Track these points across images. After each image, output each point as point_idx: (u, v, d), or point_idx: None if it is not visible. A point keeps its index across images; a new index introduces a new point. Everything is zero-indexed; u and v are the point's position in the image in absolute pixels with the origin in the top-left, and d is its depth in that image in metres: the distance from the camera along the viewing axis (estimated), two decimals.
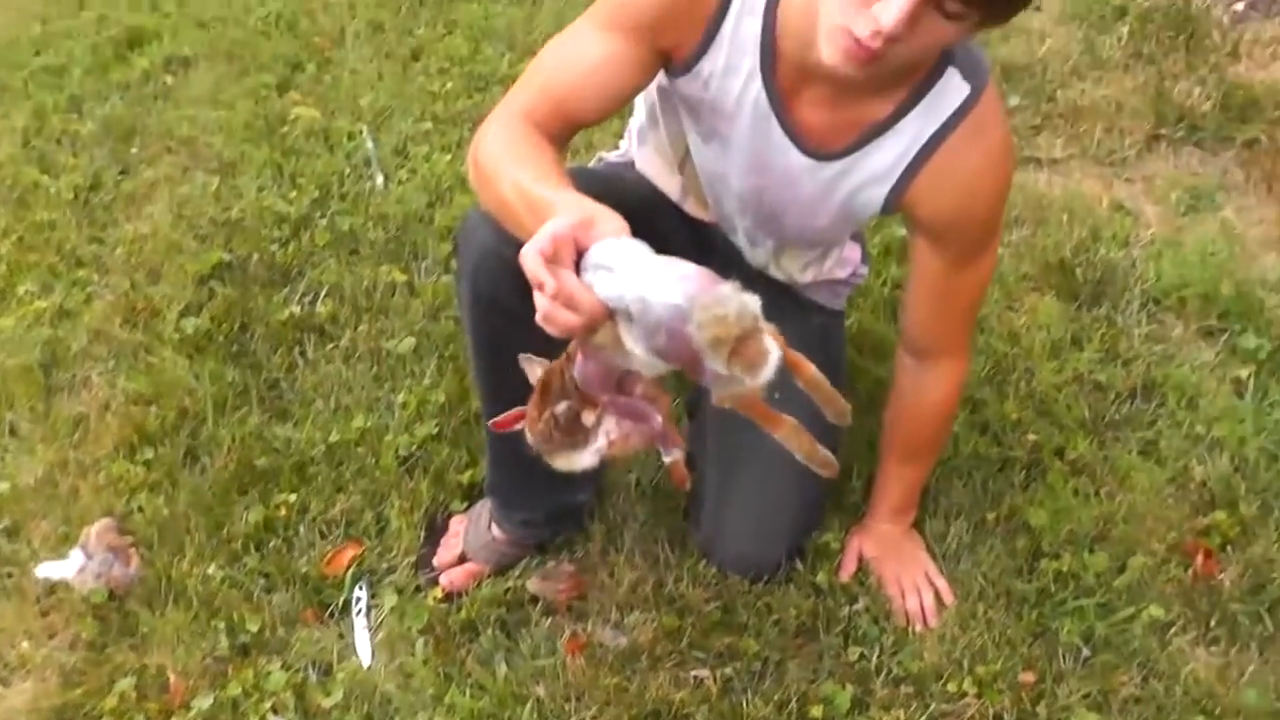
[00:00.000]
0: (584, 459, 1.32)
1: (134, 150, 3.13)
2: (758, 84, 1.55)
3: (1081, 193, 2.80)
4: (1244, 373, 2.33)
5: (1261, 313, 2.43)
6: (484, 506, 2.03)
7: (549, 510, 1.98)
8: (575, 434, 1.30)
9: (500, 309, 1.62)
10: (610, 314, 1.16)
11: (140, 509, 2.14)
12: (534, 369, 1.34)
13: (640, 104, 1.87)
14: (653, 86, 1.72)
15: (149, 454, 2.24)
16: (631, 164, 1.93)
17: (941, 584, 1.99)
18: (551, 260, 1.13)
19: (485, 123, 1.52)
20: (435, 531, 2.08)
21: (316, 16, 3.69)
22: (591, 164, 2.07)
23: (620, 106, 1.61)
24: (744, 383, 1.12)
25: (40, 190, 2.98)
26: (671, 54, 1.56)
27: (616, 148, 2.03)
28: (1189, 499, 2.12)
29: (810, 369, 1.24)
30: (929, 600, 1.97)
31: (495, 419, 1.38)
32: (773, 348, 1.10)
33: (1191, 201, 2.78)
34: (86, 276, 2.70)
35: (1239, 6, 3.40)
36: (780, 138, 1.59)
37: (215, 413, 2.29)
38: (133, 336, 2.50)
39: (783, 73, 1.54)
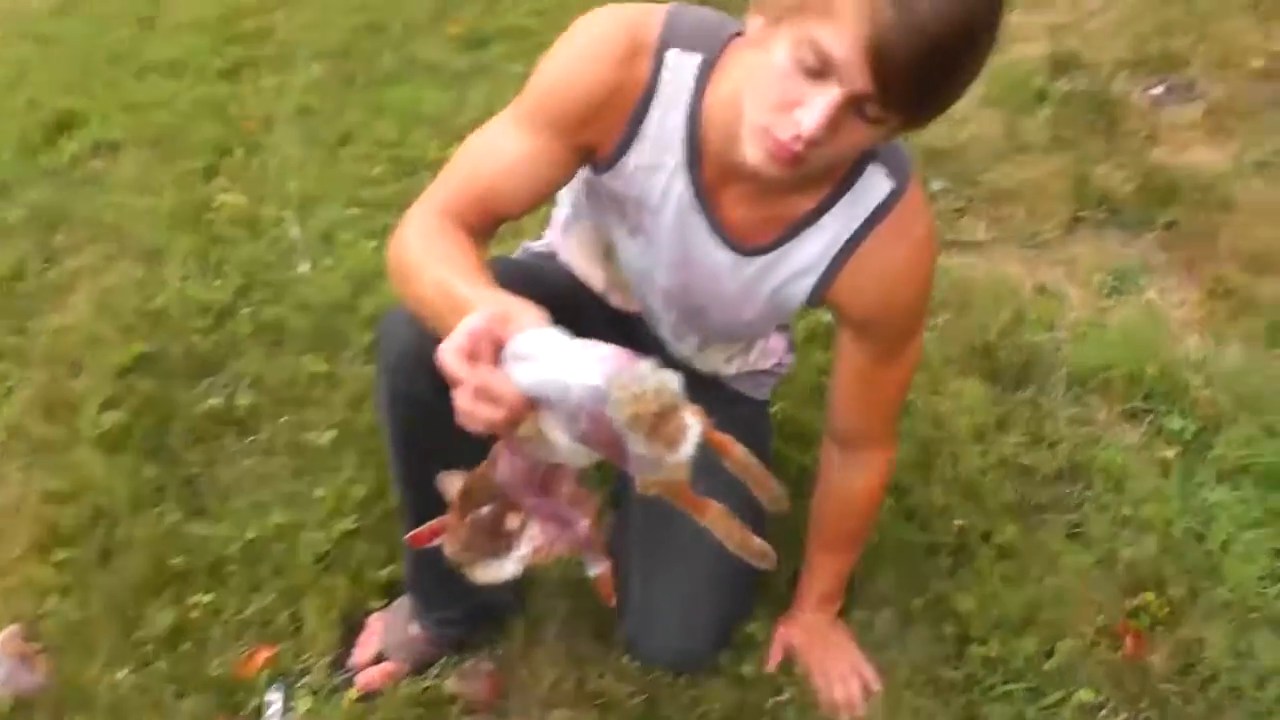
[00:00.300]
0: (506, 568, 1.29)
1: (59, 238, 3.10)
2: (683, 180, 1.54)
3: (1005, 276, 2.83)
4: (1170, 454, 2.33)
5: (1186, 394, 2.44)
6: (402, 604, 1.99)
7: (469, 608, 1.94)
8: (498, 540, 1.27)
9: (421, 407, 1.59)
10: (532, 405, 1.14)
11: (51, 613, 2.08)
12: (453, 482, 1.31)
13: (564, 196, 1.86)
14: (577, 179, 1.72)
15: (62, 555, 2.17)
16: (555, 255, 1.92)
17: (868, 673, 1.96)
18: (470, 357, 1.13)
19: (405, 219, 1.51)
20: (353, 630, 2.03)
21: (245, 101, 3.69)
22: (515, 254, 2.06)
23: (543, 201, 1.60)
24: (665, 463, 1.10)
25: None
26: (594, 150, 1.55)
27: (540, 237, 2.02)
28: (1117, 581, 2.11)
29: (738, 450, 1.22)
30: (856, 689, 1.94)
31: (412, 532, 1.35)
32: (693, 423, 1.09)
33: (1115, 283, 2.81)
34: (6, 369, 2.65)
35: (1157, 91, 3.47)
36: (705, 233, 1.59)
37: (131, 511, 2.24)
38: (51, 432, 2.44)
39: (708, 168, 1.53)
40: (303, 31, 4.12)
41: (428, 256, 1.41)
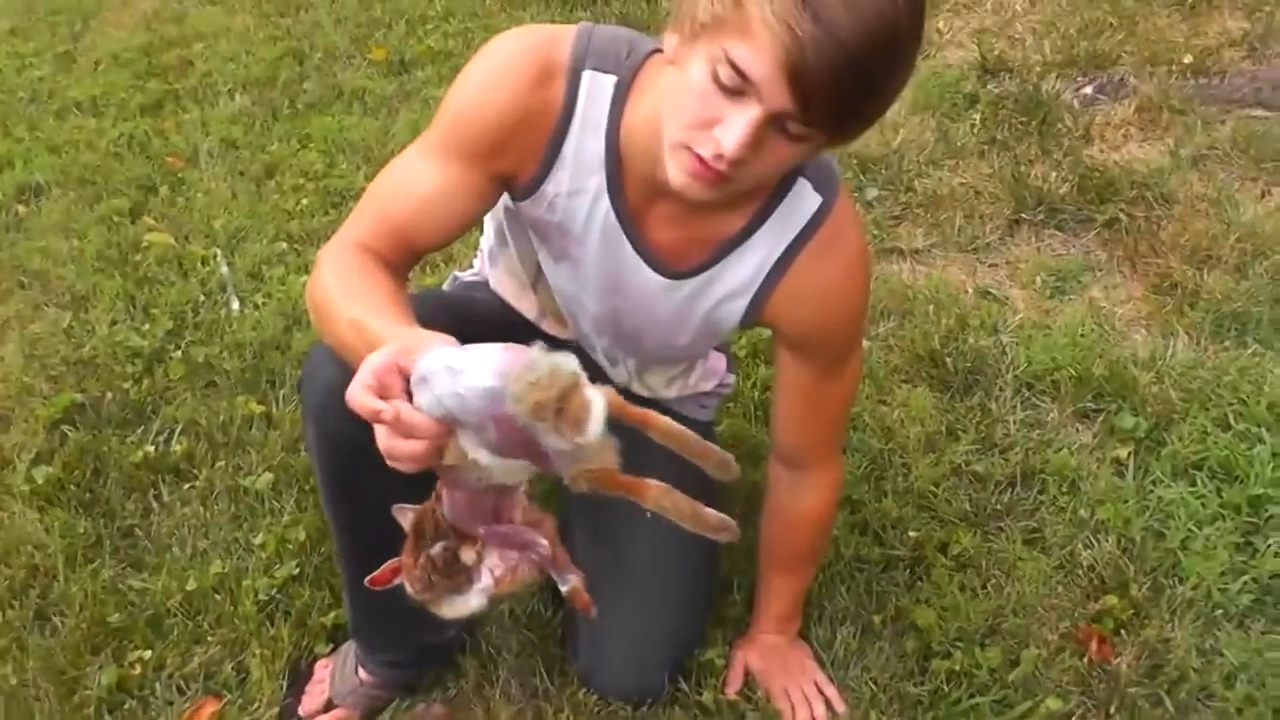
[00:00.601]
0: (470, 602, 1.25)
1: None
2: (605, 204, 1.51)
3: (946, 281, 2.81)
4: (1123, 452, 2.32)
5: (1136, 391, 2.43)
6: (349, 649, 1.94)
7: (417, 649, 1.89)
8: (456, 576, 1.24)
9: (350, 446, 1.52)
10: (449, 429, 1.11)
11: None
12: (406, 516, 1.27)
13: (489, 224, 1.82)
14: (499, 207, 1.68)
15: None
16: (485, 283, 1.88)
17: (832, 692, 1.92)
18: (380, 394, 1.10)
19: (320, 257, 1.47)
20: (300, 678, 1.97)
21: (169, 135, 3.63)
22: (446, 284, 2.02)
23: (462, 232, 1.57)
24: (581, 448, 1.07)
25: None
26: (512, 178, 1.51)
27: (471, 265, 1.98)
28: (1079, 585, 2.09)
29: (661, 422, 1.17)
30: (820, 711, 1.91)
31: (371, 576, 1.31)
32: (595, 397, 1.05)
33: (1057, 284, 2.81)
34: None
35: (1087, 90, 3.48)
36: (632, 257, 1.55)
37: (66, 568, 2.16)
38: None
39: (631, 191, 1.50)
40: (224, 62, 4.06)
41: (343, 296, 1.38)
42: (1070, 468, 2.29)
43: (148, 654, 2.01)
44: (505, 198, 1.58)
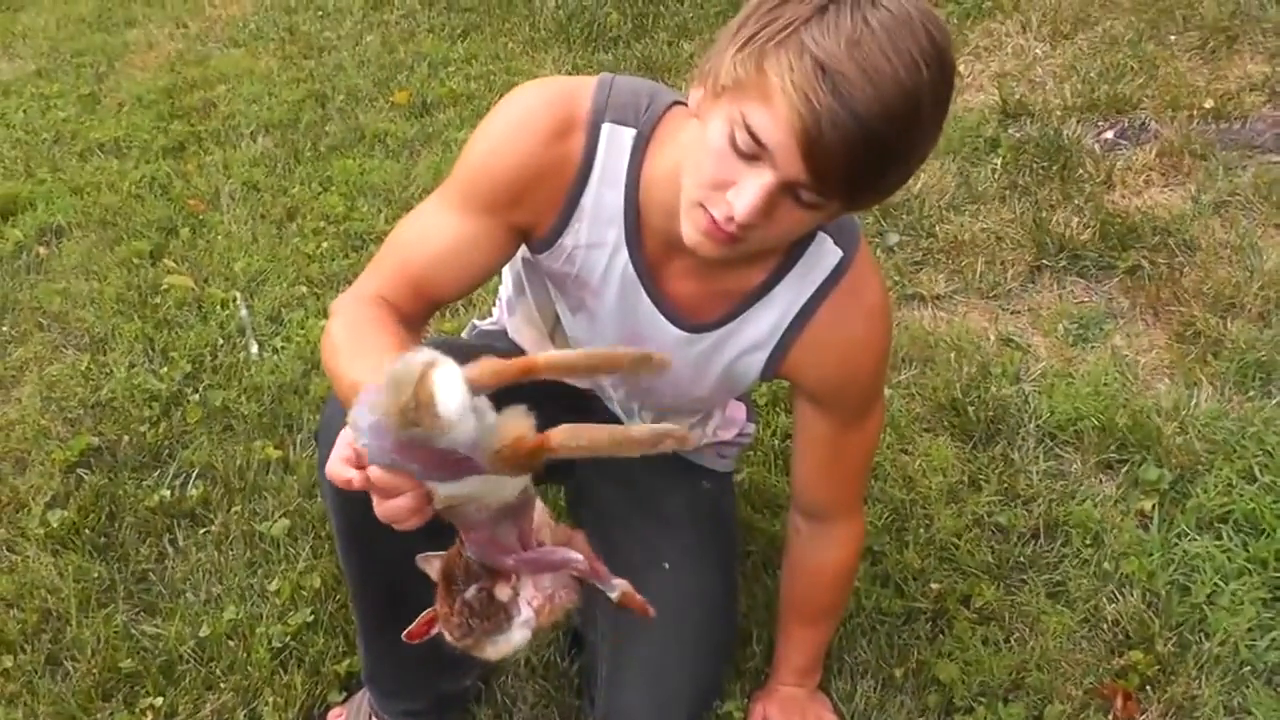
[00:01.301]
0: (514, 638, 1.23)
1: (4, 328, 3.02)
2: (624, 256, 1.50)
3: (968, 328, 2.79)
4: (1147, 505, 2.29)
5: (1160, 442, 2.40)
6: (363, 698, 1.92)
7: (434, 697, 1.87)
8: (495, 615, 1.21)
9: (365, 497, 1.53)
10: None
11: None
12: (432, 564, 1.25)
13: (507, 274, 1.82)
14: (518, 258, 1.67)
15: (8, 662, 2.08)
16: (504, 333, 1.87)
17: None
18: (359, 464, 1.12)
19: (335, 307, 1.46)
20: None
21: (191, 178, 3.64)
22: (465, 332, 2.01)
23: (480, 284, 1.56)
24: (469, 432, 1.04)
25: None
26: (530, 230, 1.51)
27: (490, 314, 1.97)
28: (1103, 640, 2.06)
29: (543, 359, 1.16)
30: None
31: (407, 630, 1.30)
32: (443, 373, 1.03)
33: (1079, 331, 2.78)
34: None
35: (1109, 135, 3.47)
36: (650, 310, 1.54)
37: (79, 612, 2.15)
38: None
39: (649, 244, 1.49)
40: (246, 105, 4.08)
41: (349, 355, 1.37)
42: (1094, 520, 2.25)
43: (159, 700, 1.99)
44: (524, 250, 1.58)
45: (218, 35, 4.74)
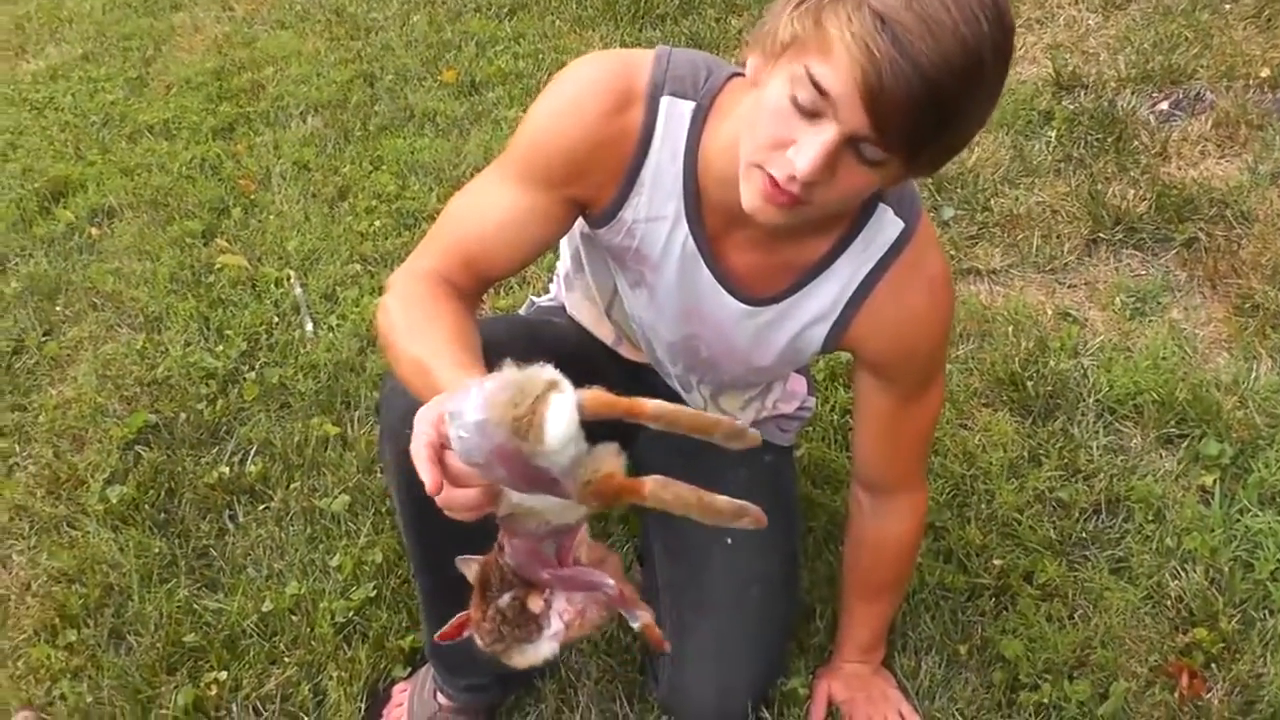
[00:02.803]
0: (542, 650, 1.23)
1: (59, 308, 3.04)
2: (684, 230, 1.49)
3: (1025, 302, 2.76)
4: (1209, 480, 2.26)
5: (1220, 416, 2.37)
6: (427, 673, 1.92)
7: (497, 672, 1.87)
8: (526, 625, 1.21)
9: None
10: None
11: (62, 696, 2.01)
12: (470, 568, 1.25)
13: (565, 249, 1.81)
14: (576, 233, 1.67)
15: (71, 636, 2.11)
16: (562, 308, 1.87)
17: None
18: (441, 445, 1.09)
19: (390, 282, 1.46)
20: (377, 702, 1.96)
21: (242, 158, 3.65)
22: (523, 308, 2.01)
23: (535, 258, 1.55)
24: (571, 460, 1.04)
25: None
26: (589, 204, 1.50)
27: (547, 290, 1.97)
28: (1167, 617, 2.04)
29: (652, 405, 1.11)
30: None
31: (439, 632, 1.31)
32: (560, 399, 1.02)
33: (1137, 305, 2.75)
34: (8, 447, 2.59)
35: (1163, 106, 3.42)
36: (711, 284, 1.53)
37: (141, 587, 2.17)
38: (56, 510, 2.38)
39: (709, 217, 1.48)
40: (295, 86, 4.08)
41: (407, 332, 1.37)
42: (1155, 495, 2.23)
43: (224, 674, 2.01)
44: (583, 224, 1.57)
45: (264, 18, 4.74)
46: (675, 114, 1.44)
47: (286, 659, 2.03)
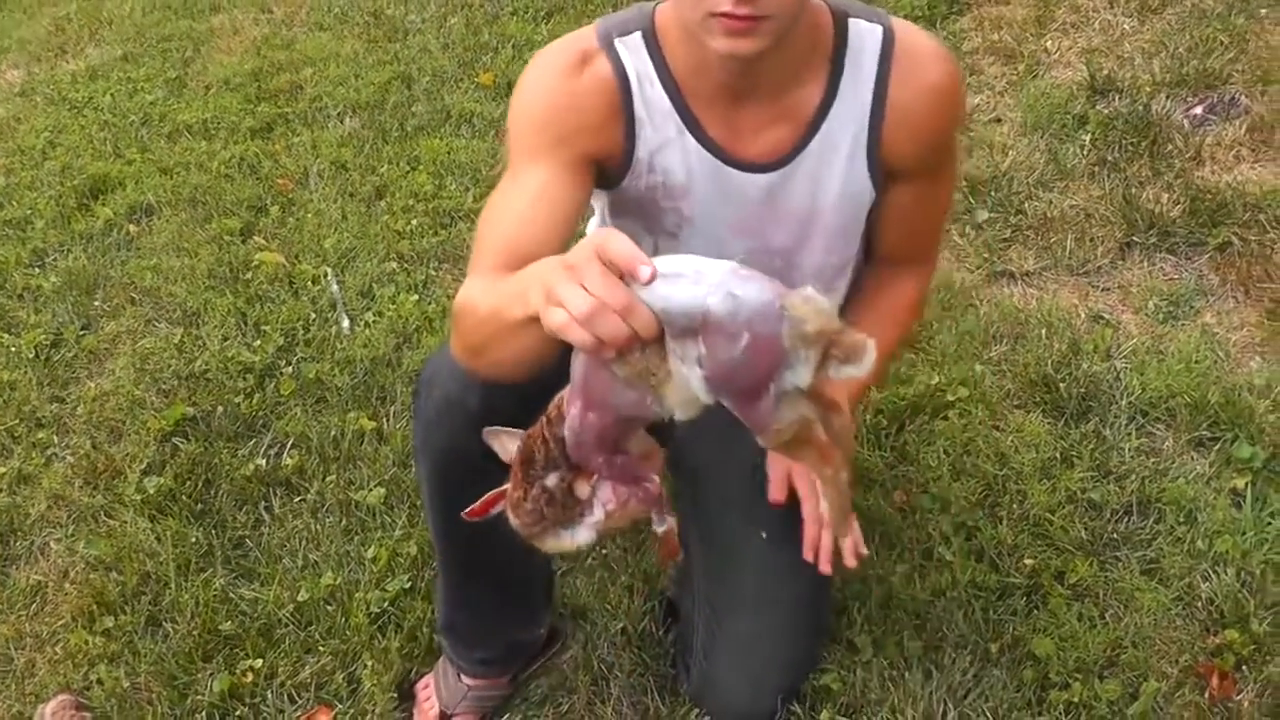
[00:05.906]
0: (579, 536, 1.23)
1: (97, 303, 3.08)
2: (690, 140, 1.54)
3: (1058, 305, 2.76)
4: (1240, 483, 2.25)
5: (1252, 420, 2.37)
6: (443, 661, 1.97)
7: (506, 646, 1.94)
8: (570, 508, 1.21)
9: (458, 460, 1.57)
10: (660, 334, 1.07)
11: (99, 681, 2.04)
12: (506, 443, 1.23)
13: (595, 225, 1.81)
14: (604, 212, 1.69)
15: (109, 623, 2.14)
16: None
17: None
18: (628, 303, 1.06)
19: (457, 298, 1.46)
20: (405, 695, 2.00)
21: (280, 158, 3.68)
22: None
23: (573, 230, 1.56)
24: (794, 396, 1.05)
25: (1, 349, 2.92)
26: (603, 158, 1.55)
27: None
28: (1197, 618, 2.04)
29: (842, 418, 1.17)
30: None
31: (469, 509, 1.29)
32: (865, 338, 1.06)
33: (1170, 309, 2.74)
34: (46, 438, 2.63)
35: (1198, 110, 3.41)
36: (736, 175, 1.56)
37: (178, 576, 2.21)
38: (93, 499, 2.42)
39: (704, 117, 1.53)
40: (333, 86, 4.11)
41: (483, 297, 1.37)
42: (1187, 497, 2.23)
43: (259, 662, 2.04)
44: (606, 208, 1.63)
45: (302, 20, 4.78)
46: (632, 46, 1.53)
47: (321, 648, 2.05)
